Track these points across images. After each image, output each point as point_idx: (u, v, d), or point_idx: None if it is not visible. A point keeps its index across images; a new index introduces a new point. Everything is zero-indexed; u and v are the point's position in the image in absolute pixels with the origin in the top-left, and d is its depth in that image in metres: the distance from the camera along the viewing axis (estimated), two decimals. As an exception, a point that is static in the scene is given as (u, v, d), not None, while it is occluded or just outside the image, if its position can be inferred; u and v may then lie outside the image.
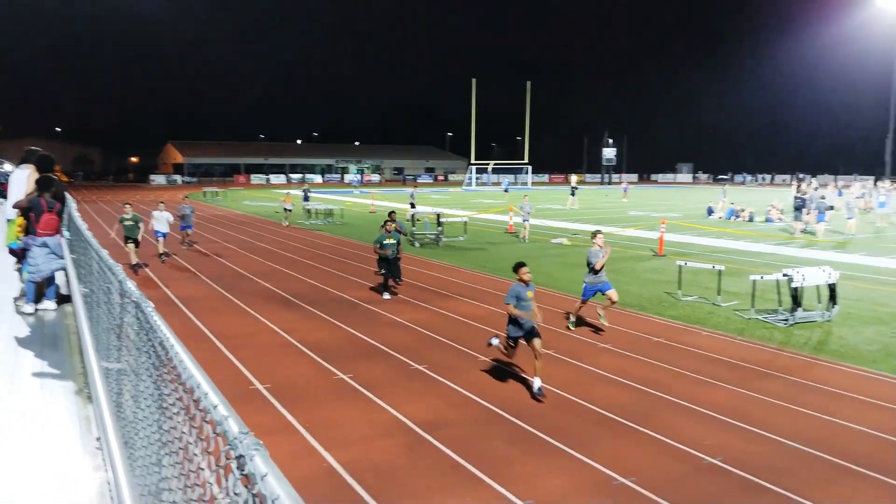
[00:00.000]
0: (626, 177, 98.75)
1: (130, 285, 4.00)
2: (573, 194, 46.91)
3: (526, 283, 9.17)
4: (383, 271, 15.11)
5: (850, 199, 30.87)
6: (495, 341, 9.80)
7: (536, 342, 8.88)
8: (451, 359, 10.40)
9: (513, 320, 9.12)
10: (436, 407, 8.37)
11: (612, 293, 12.22)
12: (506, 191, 67.14)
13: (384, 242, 14.96)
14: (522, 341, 9.17)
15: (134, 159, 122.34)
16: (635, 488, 6.34)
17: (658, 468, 6.78)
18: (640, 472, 6.67)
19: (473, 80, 76.79)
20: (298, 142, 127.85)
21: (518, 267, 9.35)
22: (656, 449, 7.24)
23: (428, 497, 6.12)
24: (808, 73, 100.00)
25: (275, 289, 15.91)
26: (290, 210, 32.70)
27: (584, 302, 12.49)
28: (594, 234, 12.57)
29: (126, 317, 4.07)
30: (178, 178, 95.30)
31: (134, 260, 17.98)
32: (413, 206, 32.22)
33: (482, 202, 51.09)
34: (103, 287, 5.51)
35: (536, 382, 8.76)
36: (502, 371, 9.85)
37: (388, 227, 15.29)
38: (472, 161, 79.36)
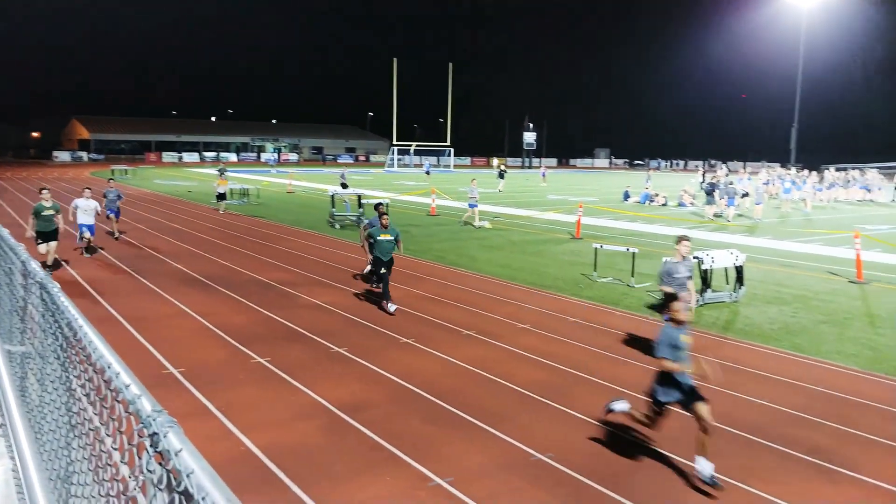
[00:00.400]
0: (545, 161, 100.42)
1: (34, 265, 3.81)
2: (502, 177, 47.39)
3: (679, 323, 6.52)
4: (382, 270, 12.31)
5: (758, 185, 32.39)
6: (620, 406, 7.18)
7: (703, 408, 6.23)
8: (372, 340, 10.38)
9: (663, 377, 6.46)
10: (356, 389, 8.34)
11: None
12: (427, 173, 67.16)
13: (378, 238, 12.26)
14: (677, 407, 6.54)
15: (35, 134, 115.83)
16: (552, 464, 6.51)
17: (575, 443, 6.98)
18: (558, 447, 6.85)
19: (395, 60, 76.26)
20: (213, 119, 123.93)
21: (669, 301, 6.90)
22: (573, 425, 7.46)
23: (347, 478, 6.12)
24: (719, 61, 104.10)
25: (189, 271, 15.44)
26: (223, 194, 28.37)
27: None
28: (680, 240, 9.70)
29: (31, 298, 3.87)
30: (84, 155, 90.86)
31: (51, 260, 14.58)
32: (345, 186, 31.85)
33: (405, 184, 50.98)
34: (4, 268, 5.22)
35: (704, 466, 6.12)
36: (421, 352, 9.90)
37: (383, 220, 12.50)
38: (394, 142, 78.98)
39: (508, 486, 6.09)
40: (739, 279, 13.90)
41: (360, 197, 25.82)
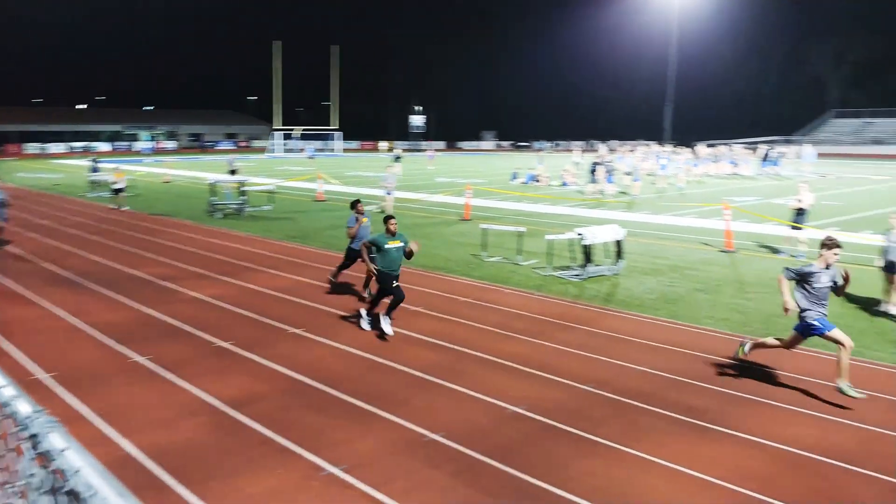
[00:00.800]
0: (432, 144, 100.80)
1: None
2: (398, 160, 47.17)
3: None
4: (381, 288, 9.96)
5: (636, 162, 33.78)
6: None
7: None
8: (258, 333, 10.08)
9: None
10: (242, 383, 8.08)
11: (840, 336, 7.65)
12: (311, 158, 65.99)
13: (386, 247, 9.85)
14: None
15: None
16: (445, 442, 6.55)
17: (466, 421, 7.05)
18: (450, 426, 6.90)
19: (277, 43, 74.17)
20: (82, 106, 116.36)
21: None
22: (465, 403, 7.53)
23: (237, 474, 5.91)
24: (596, 43, 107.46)
25: (58, 269, 14.45)
26: (122, 189, 25.65)
27: (799, 337, 8.01)
28: (828, 245, 7.87)
29: None
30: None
31: None
32: (233, 172, 30.61)
33: (290, 169, 49.80)
34: None
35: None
36: (310, 342, 9.71)
37: (391, 226, 10.00)
38: (277, 127, 76.95)
39: (403, 468, 6.07)
40: (619, 253, 14.47)
41: (241, 184, 24.99)
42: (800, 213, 16.05)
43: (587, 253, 13.84)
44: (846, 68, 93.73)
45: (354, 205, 12.25)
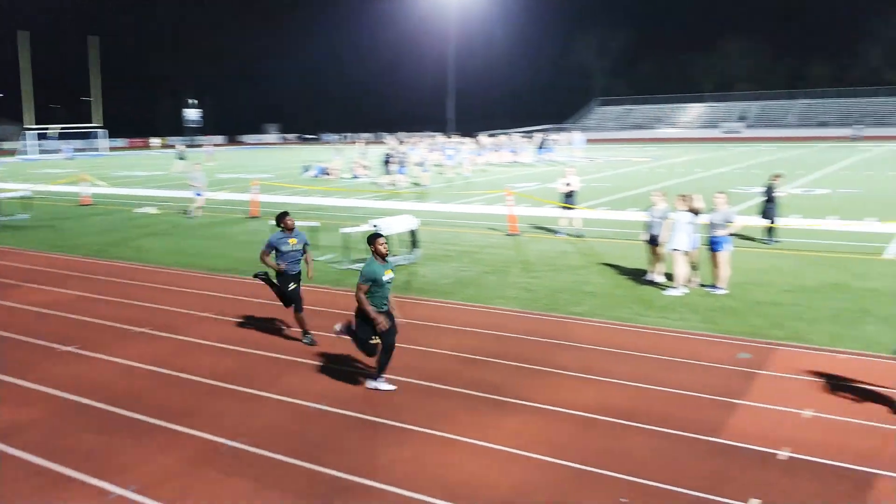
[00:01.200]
0: (212, 139, 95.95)
1: None
2: (182, 158, 44.13)
3: None
4: (375, 338, 7.32)
5: (424, 153, 34.56)
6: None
7: None
8: (23, 354, 8.94)
9: None
10: (4, 412, 7.10)
11: None
12: (70, 158, 60.19)
13: (382, 279, 7.28)
14: None
15: None
16: (247, 448, 6.23)
17: (267, 424, 6.76)
18: (251, 432, 6.58)
19: (24, 33, 66.39)
20: None
21: None
22: (265, 406, 7.22)
23: (2, 518, 5.16)
24: (378, 36, 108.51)
25: None
26: None
27: None
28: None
29: None
30: None
31: None
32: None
33: (48, 172, 44.85)
34: None
35: None
36: (85, 359, 8.79)
37: (379, 246, 7.35)
38: (30, 126, 68.96)
39: (201, 480, 5.68)
40: (414, 242, 14.73)
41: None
42: (569, 196, 17.34)
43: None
44: (608, 59, 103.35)
45: (281, 219, 9.43)
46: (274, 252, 9.15)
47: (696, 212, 11.61)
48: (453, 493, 5.49)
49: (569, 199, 17.34)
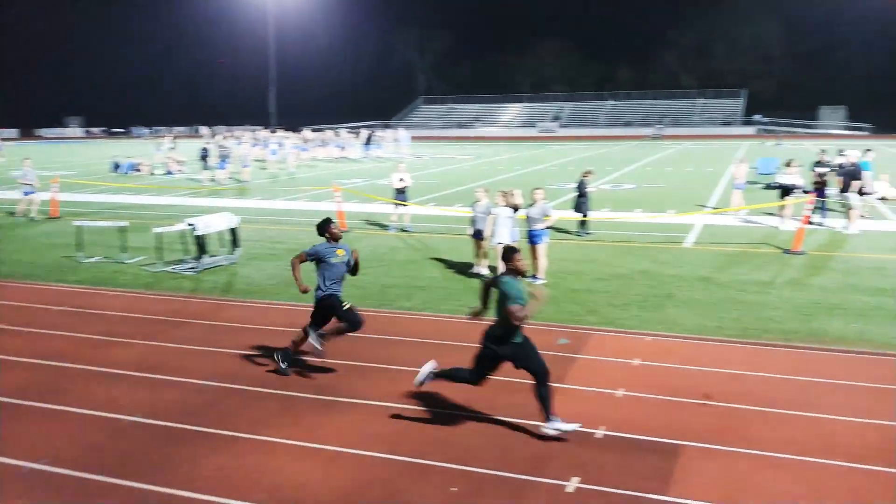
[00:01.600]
0: (1, 132, 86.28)
1: None
2: None
3: None
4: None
5: (246, 148, 33.19)
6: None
7: None
8: None
9: None
10: None
11: None
12: None
13: (522, 299, 6.17)
14: None
15: None
16: (50, 469, 5.67)
17: (74, 442, 6.19)
18: (55, 451, 5.98)
19: None
20: None
21: None
22: (71, 423, 6.59)
23: None
24: (193, 24, 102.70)
25: None
26: None
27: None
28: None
29: None
30: None
31: None
32: None
33: None
34: None
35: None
36: None
37: (517, 262, 6.31)
38: None
39: (-8, 516, 5.05)
40: (235, 241, 14.10)
41: None
42: (401, 192, 17.45)
43: (201, 244, 13.18)
44: (430, 58, 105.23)
45: (325, 227, 8.11)
46: (316, 264, 7.78)
47: (515, 207, 12.10)
48: (278, 496, 5.31)
49: (401, 195, 17.44)
